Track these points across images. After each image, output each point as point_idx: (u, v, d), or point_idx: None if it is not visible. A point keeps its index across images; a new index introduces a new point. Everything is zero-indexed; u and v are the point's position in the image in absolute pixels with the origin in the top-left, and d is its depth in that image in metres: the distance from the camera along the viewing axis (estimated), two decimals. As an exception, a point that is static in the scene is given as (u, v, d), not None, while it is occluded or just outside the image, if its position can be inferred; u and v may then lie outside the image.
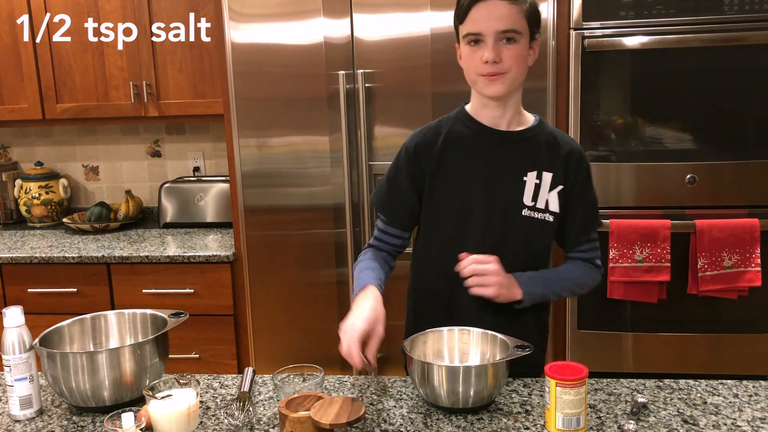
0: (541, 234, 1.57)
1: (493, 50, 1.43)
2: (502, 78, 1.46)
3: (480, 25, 1.44)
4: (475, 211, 1.55)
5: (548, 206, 1.55)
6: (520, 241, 1.56)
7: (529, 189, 1.54)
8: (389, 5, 2.41)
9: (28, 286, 2.80)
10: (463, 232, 1.56)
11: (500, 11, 1.43)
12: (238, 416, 1.34)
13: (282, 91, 2.52)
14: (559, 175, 1.55)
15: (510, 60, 1.45)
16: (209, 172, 3.35)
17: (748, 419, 1.31)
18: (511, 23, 1.43)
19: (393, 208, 1.63)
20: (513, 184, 1.54)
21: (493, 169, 1.55)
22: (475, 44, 1.46)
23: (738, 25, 2.30)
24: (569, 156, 1.56)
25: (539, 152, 1.55)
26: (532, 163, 1.55)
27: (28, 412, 1.41)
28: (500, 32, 1.43)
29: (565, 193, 1.56)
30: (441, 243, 1.60)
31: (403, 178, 1.59)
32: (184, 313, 1.56)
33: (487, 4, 1.43)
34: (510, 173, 1.54)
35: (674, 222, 2.38)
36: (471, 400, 1.33)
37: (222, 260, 2.69)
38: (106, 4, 2.88)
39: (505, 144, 1.55)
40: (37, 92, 2.98)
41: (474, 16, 1.44)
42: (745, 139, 2.40)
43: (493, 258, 1.48)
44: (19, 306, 1.41)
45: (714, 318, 2.46)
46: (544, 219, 1.56)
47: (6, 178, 3.37)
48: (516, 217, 1.55)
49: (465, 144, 1.56)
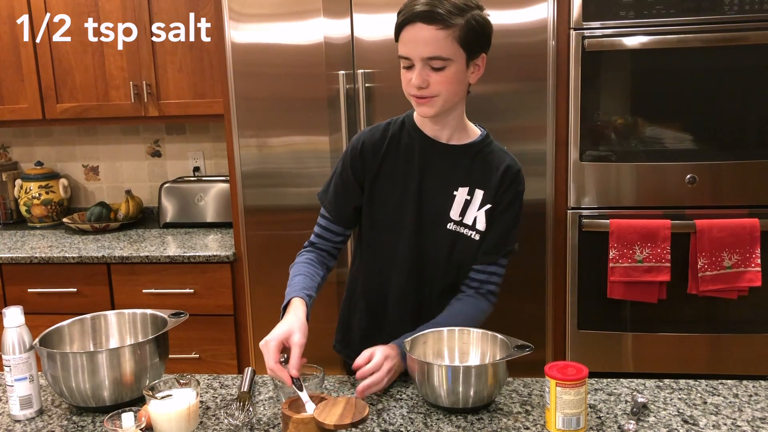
0: (464, 249, 1.56)
1: (420, 75, 1.42)
2: (431, 101, 1.45)
3: (408, 49, 1.42)
4: (406, 218, 1.56)
5: (475, 224, 1.55)
6: (443, 254, 1.57)
7: (458, 204, 1.54)
8: (389, 5, 2.41)
9: (28, 286, 2.80)
10: (391, 238, 1.58)
11: (428, 36, 1.39)
12: (238, 416, 1.34)
13: (282, 91, 2.52)
14: (490, 194, 1.54)
15: (438, 85, 1.43)
16: (209, 172, 3.35)
17: (748, 419, 1.31)
18: (437, 50, 1.40)
19: (337, 204, 1.63)
20: (442, 198, 1.55)
21: (426, 179, 1.55)
22: (407, 67, 1.44)
23: (738, 25, 2.30)
24: (504, 175, 1.54)
25: (475, 168, 1.55)
26: (464, 179, 1.54)
27: (28, 412, 1.41)
28: (426, 58, 1.41)
29: (490, 212, 1.55)
30: (370, 245, 1.62)
31: (348, 174, 1.59)
32: (184, 313, 1.56)
33: (415, 28, 1.40)
34: (441, 186, 1.55)
35: (674, 222, 2.38)
36: (471, 400, 1.33)
37: (222, 260, 2.69)
38: (106, 4, 2.88)
39: (441, 156, 1.55)
40: (37, 92, 2.98)
41: (403, 39, 1.43)
42: (745, 139, 2.40)
43: (379, 360, 1.39)
44: (19, 306, 1.41)
45: (714, 318, 2.46)
46: (470, 236, 1.55)
47: (6, 178, 3.37)
48: (441, 229, 1.55)
49: (405, 151, 1.56)
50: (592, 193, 2.45)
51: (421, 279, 1.59)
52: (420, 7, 1.38)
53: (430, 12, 1.37)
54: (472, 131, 1.58)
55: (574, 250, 2.46)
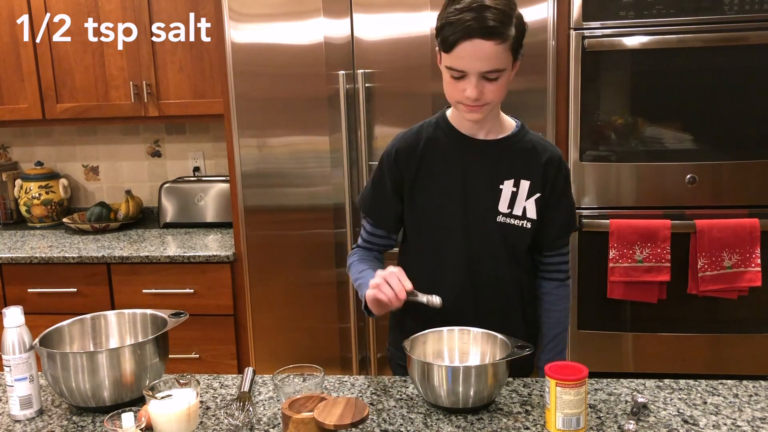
0: (518, 239, 1.57)
1: (477, 88, 1.42)
2: (483, 108, 1.46)
3: (464, 64, 1.41)
4: (451, 218, 1.56)
5: (525, 213, 1.56)
6: (498, 247, 1.57)
7: (505, 197, 1.55)
8: (389, 5, 2.41)
9: (28, 286, 2.80)
10: (440, 239, 1.58)
11: (486, 51, 1.38)
12: (238, 416, 1.34)
13: (282, 91, 2.52)
14: (537, 183, 1.55)
15: (491, 94, 1.44)
16: (209, 172, 3.35)
17: (748, 419, 1.31)
18: (495, 63, 1.40)
19: (379, 210, 1.64)
20: (489, 193, 1.55)
21: (469, 178, 1.55)
22: (457, 78, 1.44)
23: (738, 25, 2.30)
24: (548, 164, 1.56)
25: (517, 160, 1.56)
26: (509, 172, 1.55)
27: (28, 412, 1.41)
28: (483, 72, 1.41)
29: (542, 201, 1.56)
30: (419, 248, 1.62)
31: (386, 181, 1.60)
32: (184, 313, 1.56)
33: (473, 44, 1.38)
34: (486, 181, 1.55)
35: (674, 222, 2.38)
36: (471, 400, 1.33)
37: (222, 260, 2.69)
38: (106, 4, 2.88)
39: (482, 153, 1.55)
40: (37, 92, 2.98)
41: (459, 53, 1.40)
42: (745, 139, 2.39)
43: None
44: (19, 306, 1.41)
45: (714, 318, 2.46)
46: (521, 225, 1.56)
47: (6, 178, 3.37)
48: (490, 223, 1.55)
49: (443, 151, 1.56)
50: (592, 193, 2.45)
51: (477, 274, 1.58)
52: (475, 23, 1.36)
53: (489, 28, 1.36)
54: (507, 124, 1.60)
55: (574, 250, 2.45)
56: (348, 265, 1.68)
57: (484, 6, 1.36)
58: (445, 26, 1.40)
